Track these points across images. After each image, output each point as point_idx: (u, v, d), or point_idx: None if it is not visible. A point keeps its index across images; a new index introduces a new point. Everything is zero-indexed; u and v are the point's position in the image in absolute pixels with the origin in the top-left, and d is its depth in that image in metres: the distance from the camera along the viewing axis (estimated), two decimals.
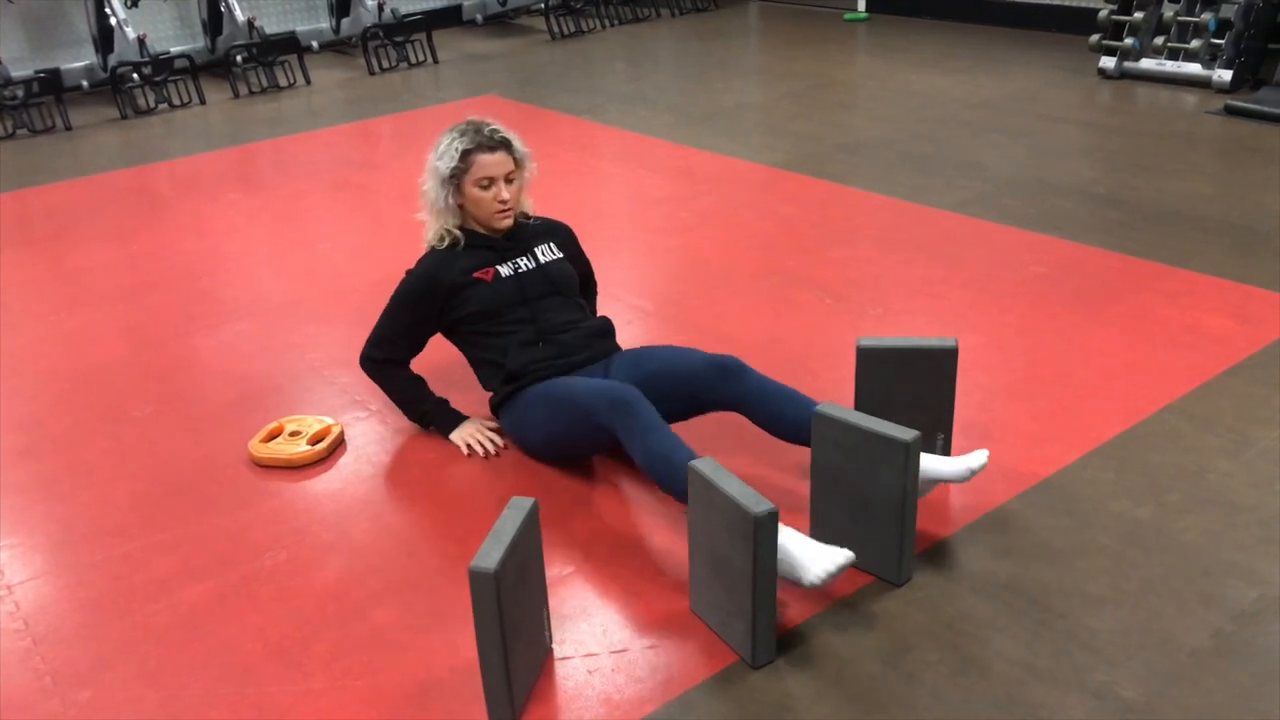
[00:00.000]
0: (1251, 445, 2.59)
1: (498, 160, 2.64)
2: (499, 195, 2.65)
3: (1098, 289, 3.47)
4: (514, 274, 2.72)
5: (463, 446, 2.72)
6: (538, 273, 2.74)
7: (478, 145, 2.63)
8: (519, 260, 2.74)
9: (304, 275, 4.00)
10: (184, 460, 2.80)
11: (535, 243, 2.79)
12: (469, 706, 1.92)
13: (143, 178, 5.42)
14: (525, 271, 2.73)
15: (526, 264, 2.74)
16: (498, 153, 2.64)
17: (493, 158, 2.64)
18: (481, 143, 2.63)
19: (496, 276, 2.70)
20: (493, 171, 2.64)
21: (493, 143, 2.63)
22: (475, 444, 2.71)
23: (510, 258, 2.74)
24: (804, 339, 3.25)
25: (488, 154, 2.63)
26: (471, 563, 1.76)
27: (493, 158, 2.64)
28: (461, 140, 2.63)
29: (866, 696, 1.91)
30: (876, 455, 2.10)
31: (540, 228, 2.85)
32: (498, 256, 2.73)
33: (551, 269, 2.77)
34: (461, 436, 2.74)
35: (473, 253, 2.73)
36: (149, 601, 2.27)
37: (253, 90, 7.08)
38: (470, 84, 6.96)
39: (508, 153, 2.66)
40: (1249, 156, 4.80)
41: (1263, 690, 1.87)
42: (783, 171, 4.86)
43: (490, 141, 2.63)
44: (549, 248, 2.81)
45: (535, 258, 2.76)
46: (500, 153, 2.64)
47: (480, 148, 2.63)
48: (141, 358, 3.41)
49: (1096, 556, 2.24)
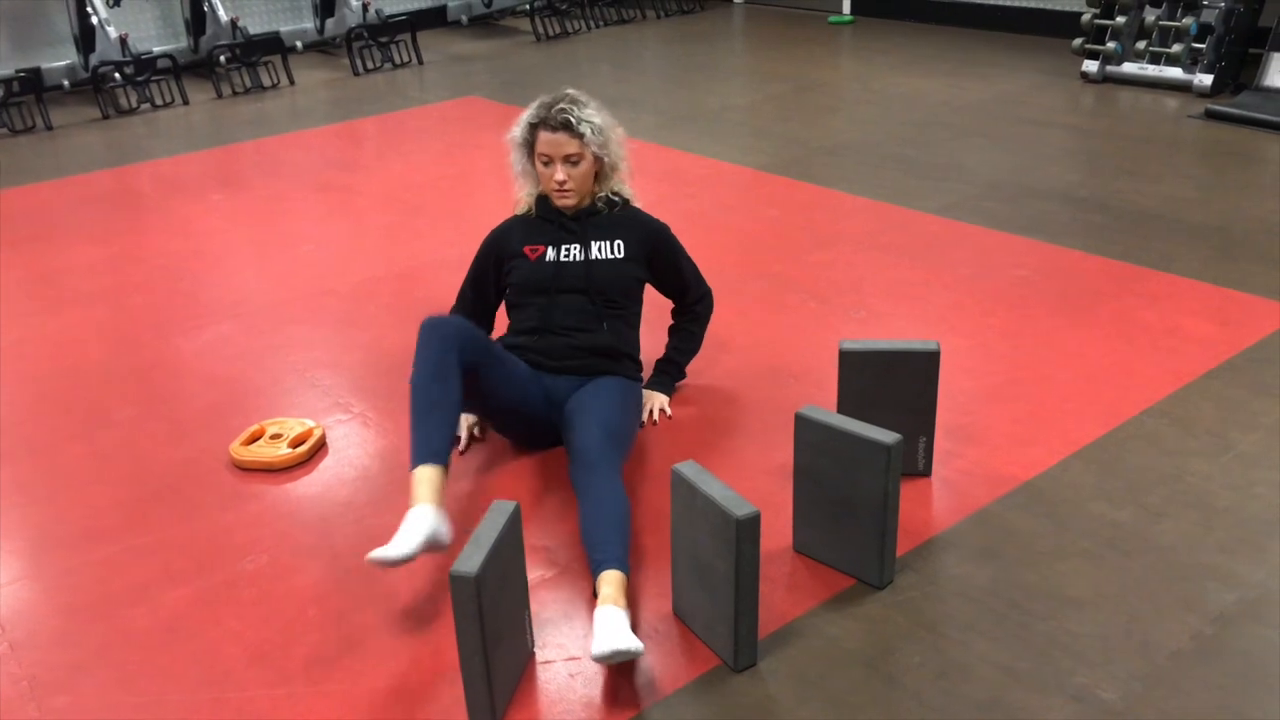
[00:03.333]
0: (1231, 448, 2.61)
1: (556, 140, 2.61)
2: (554, 175, 2.64)
3: (1080, 292, 3.49)
4: (556, 260, 2.69)
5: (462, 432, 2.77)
6: (580, 267, 2.68)
7: (541, 121, 2.63)
8: (572, 248, 2.70)
9: (286, 277, 3.98)
10: (164, 463, 2.78)
11: (598, 235, 2.72)
12: (450, 711, 1.91)
13: (124, 178, 5.38)
14: (568, 262, 2.69)
15: (577, 255, 2.69)
16: (558, 133, 2.61)
17: (552, 136, 2.62)
18: (545, 119, 2.62)
19: (541, 258, 2.69)
20: (549, 150, 2.63)
21: (555, 122, 2.61)
22: (463, 432, 2.75)
23: (566, 242, 2.70)
24: (787, 341, 3.26)
25: (548, 132, 2.62)
26: (452, 567, 1.75)
27: (552, 136, 2.62)
28: (534, 113, 2.65)
29: (848, 699, 1.91)
30: (858, 458, 2.11)
31: (616, 221, 2.75)
32: (555, 237, 2.71)
33: (599, 268, 2.69)
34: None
35: (539, 226, 2.74)
36: (128, 606, 2.25)
37: (236, 91, 7.05)
38: (455, 85, 6.95)
39: (570, 134, 2.61)
40: (1229, 160, 4.83)
41: (1241, 692, 1.88)
42: (767, 174, 4.87)
43: (553, 120, 2.61)
44: (613, 245, 2.72)
45: (589, 250, 2.70)
46: (561, 134, 2.61)
47: (543, 124, 2.62)
48: (122, 360, 3.39)
49: (1077, 559, 2.25)
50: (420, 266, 3.98)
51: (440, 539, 2.16)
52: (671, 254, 2.84)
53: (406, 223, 4.48)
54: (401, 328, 3.48)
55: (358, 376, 3.19)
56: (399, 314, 3.59)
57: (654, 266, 2.81)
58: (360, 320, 3.58)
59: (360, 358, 3.31)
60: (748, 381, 3.03)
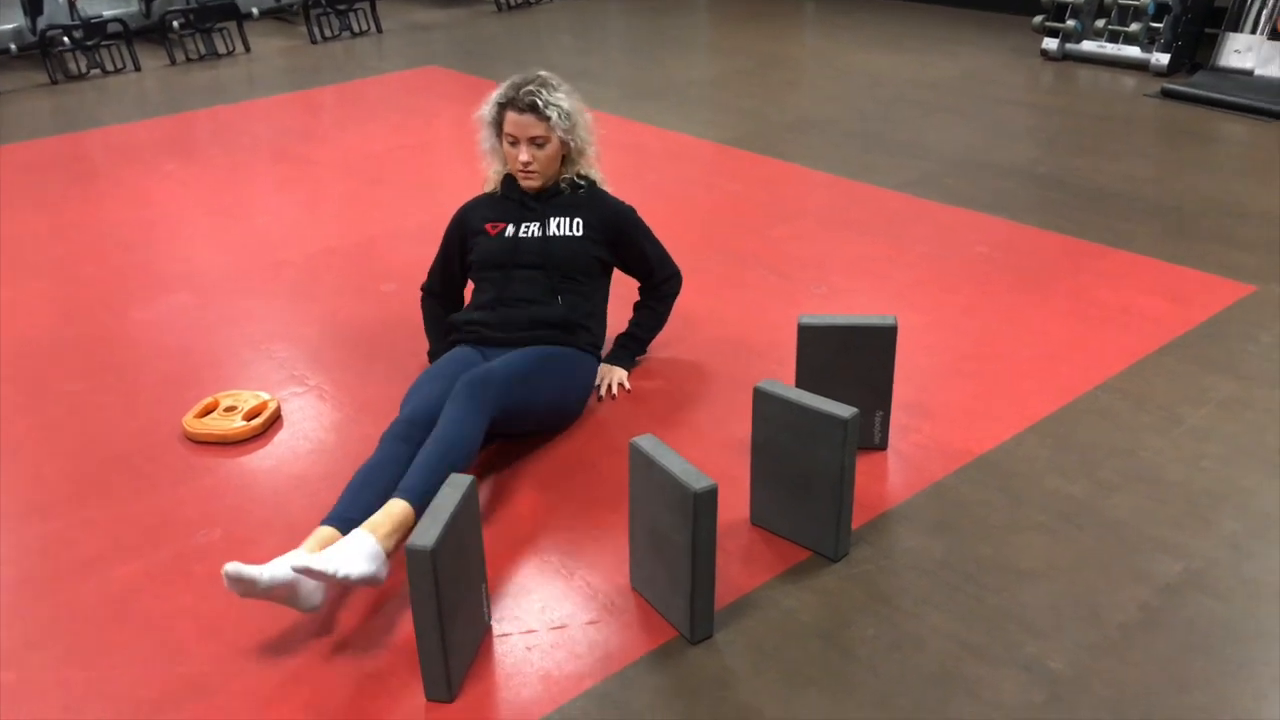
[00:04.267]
0: (1181, 423, 2.65)
1: (523, 121, 2.62)
2: (520, 155, 2.65)
3: (1037, 269, 3.52)
4: (514, 236, 2.70)
5: None
6: (537, 243, 2.69)
7: (509, 101, 2.64)
8: (531, 225, 2.71)
9: (241, 248, 3.91)
10: (115, 436, 2.74)
11: (558, 213, 2.72)
12: (406, 684, 1.91)
13: (74, 145, 5.26)
14: (526, 238, 2.69)
15: (535, 231, 2.70)
16: (525, 115, 2.62)
17: (519, 118, 2.63)
18: (513, 100, 2.63)
19: (500, 234, 2.70)
20: (515, 131, 2.64)
21: (522, 104, 2.62)
22: None
23: (526, 219, 2.72)
24: (748, 316, 3.26)
25: (515, 113, 2.63)
26: (408, 541, 1.74)
27: (519, 118, 2.63)
28: (503, 92, 2.66)
29: (803, 671, 1.92)
30: (815, 432, 2.12)
31: (579, 200, 2.75)
32: (516, 215, 2.72)
33: (555, 243, 2.69)
34: None
35: (503, 204, 2.75)
36: (78, 581, 2.22)
37: (190, 57, 6.90)
38: (414, 54, 6.86)
39: (537, 117, 2.62)
40: (1184, 139, 4.89)
41: (1184, 660, 1.92)
42: (730, 148, 4.85)
43: (520, 102, 2.62)
44: (572, 222, 2.72)
45: (547, 227, 2.70)
46: (528, 115, 2.62)
47: (511, 105, 2.64)
48: (71, 331, 3.32)
49: (1030, 532, 2.28)
50: (378, 237, 3.94)
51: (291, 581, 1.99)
52: (636, 236, 2.83)
53: (364, 193, 4.42)
54: (358, 299, 3.44)
55: (314, 349, 3.15)
56: (356, 286, 3.55)
57: (617, 248, 2.81)
58: (317, 292, 3.53)
59: (316, 330, 3.27)
60: (708, 356, 3.03)
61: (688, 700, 1.86)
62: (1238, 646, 1.95)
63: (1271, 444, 2.56)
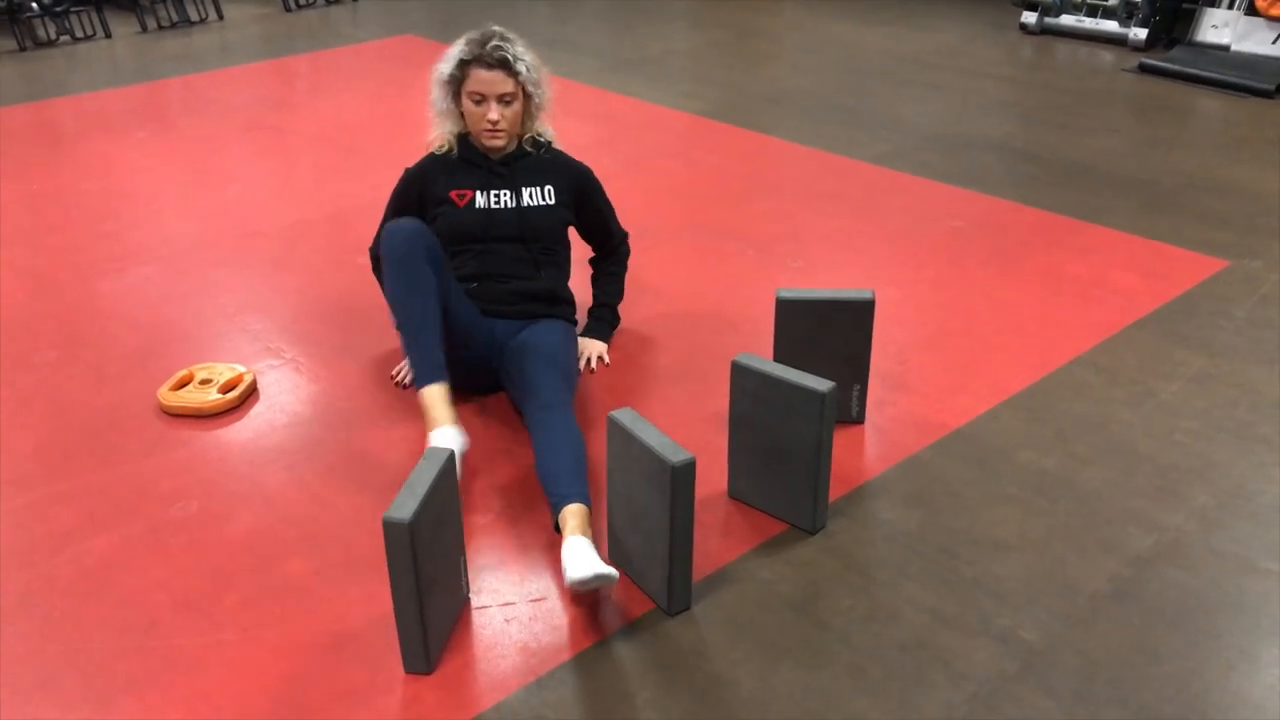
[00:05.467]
0: (1153, 396, 2.68)
1: (492, 78, 2.57)
2: (488, 114, 2.60)
3: (1013, 244, 3.53)
4: (487, 207, 2.65)
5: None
6: (512, 214, 2.66)
7: (476, 58, 2.58)
8: (502, 193, 2.66)
9: (214, 218, 3.87)
10: (88, 408, 2.71)
11: (528, 181, 2.69)
12: (384, 657, 1.91)
13: (42, 113, 5.17)
14: (500, 209, 2.65)
15: (507, 201, 2.66)
16: (494, 71, 2.57)
17: (488, 74, 2.57)
18: (480, 56, 2.57)
19: (470, 204, 2.64)
20: (484, 89, 2.58)
21: (491, 60, 2.56)
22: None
23: (494, 187, 2.66)
24: (725, 290, 3.26)
25: (484, 69, 2.57)
26: (386, 513, 1.74)
27: (488, 74, 2.57)
28: (465, 49, 2.59)
29: (779, 642, 1.94)
30: (793, 405, 2.12)
31: (544, 164, 2.72)
32: (482, 181, 2.67)
33: (531, 214, 2.67)
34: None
35: (463, 169, 2.68)
36: (51, 554, 2.20)
37: (162, 24, 6.79)
38: (389, 23, 6.77)
39: (506, 73, 2.57)
40: (1161, 115, 4.91)
41: (1153, 631, 1.95)
42: (707, 120, 4.83)
43: (489, 58, 2.57)
44: (543, 191, 2.69)
45: (519, 197, 2.67)
46: (497, 71, 2.57)
47: (478, 61, 2.57)
48: (42, 302, 3.28)
49: (1004, 505, 2.30)
50: (353, 208, 3.90)
51: (463, 451, 2.27)
52: (597, 197, 2.83)
53: (339, 163, 4.38)
54: (334, 271, 3.41)
55: (289, 321, 3.13)
56: (331, 257, 3.52)
57: (581, 210, 2.80)
58: (291, 263, 3.50)
59: (292, 301, 3.24)
60: (685, 330, 3.03)
61: (665, 671, 1.88)
62: (1207, 618, 1.99)
63: (1242, 418, 2.59)
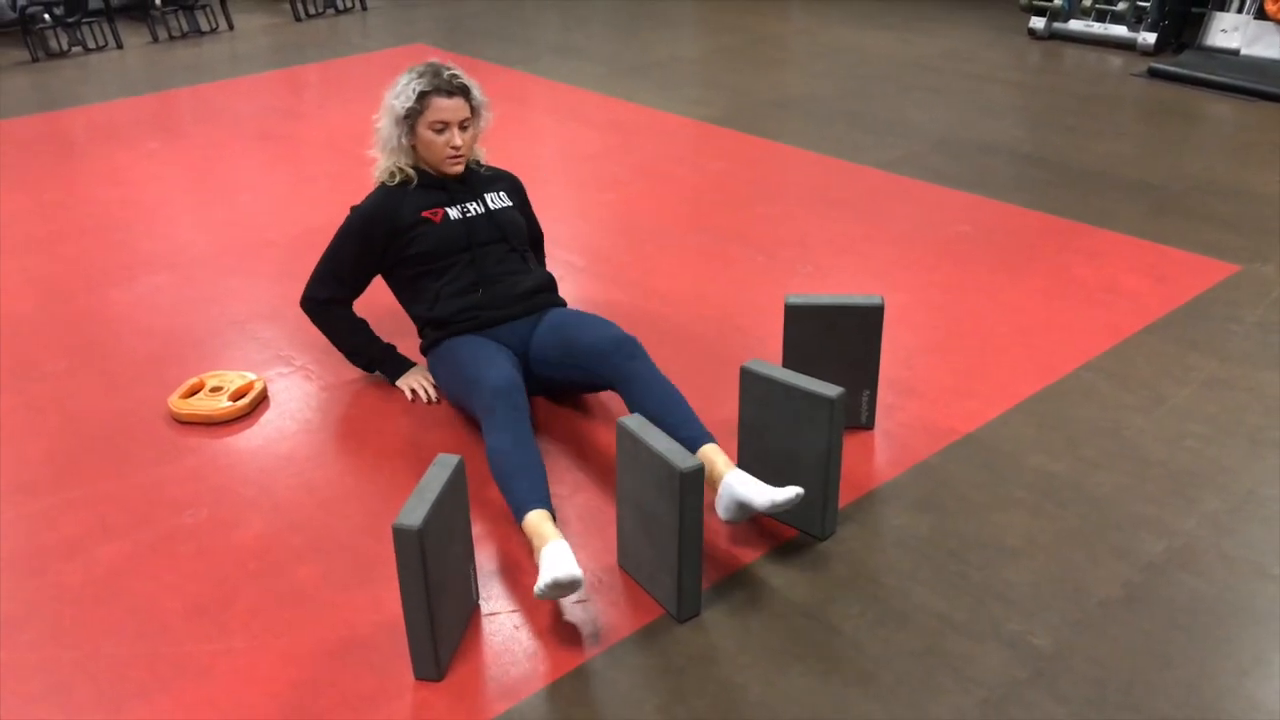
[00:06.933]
0: (1164, 401, 2.67)
1: (454, 106, 2.61)
2: (451, 141, 2.62)
3: (1021, 248, 3.53)
4: (462, 218, 2.68)
5: (408, 392, 2.74)
6: (486, 219, 2.70)
7: (435, 88, 2.59)
8: (469, 204, 2.70)
9: (225, 227, 3.89)
10: (99, 416, 2.72)
11: (486, 189, 2.75)
12: (394, 663, 1.91)
13: (55, 124, 5.21)
14: (474, 216, 2.69)
15: (476, 209, 2.70)
16: (455, 98, 2.60)
17: (449, 103, 2.60)
18: (440, 86, 2.59)
19: (445, 219, 2.66)
20: (447, 116, 2.61)
21: (451, 88, 2.60)
22: (420, 390, 2.73)
23: (460, 201, 2.70)
24: (733, 295, 3.26)
25: (445, 98, 2.60)
26: (396, 520, 1.74)
27: (449, 103, 2.60)
28: (420, 81, 2.60)
29: (789, 648, 1.94)
30: (802, 411, 2.12)
31: (489, 176, 2.81)
32: (448, 198, 2.69)
33: (501, 216, 2.73)
34: (407, 382, 2.76)
35: (423, 192, 2.69)
36: (63, 561, 2.21)
37: (173, 35, 6.84)
38: (399, 32, 6.80)
39: (465, 99, 2.62)
40: (1170, 119, 4.90)
41: (1165, 637, 1.94)
42: (715, 126, 4.84)
43: (448, 86, 2.60)
44: (499, 195, 2.77)
45: (485, 203, 2.72)
46: (458, 98, 2.61)
47: (438, 91, 2.59)
48: (54, 311, 3.30)
49: (1014, 510, 2.29)
50: None
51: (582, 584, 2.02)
52: (528, 200, 2.92)
53: (349, 172, 4.39)
54: None
55: (299, 329, 3.14)
56: None
57: (523, 212, 2.88)
58: (301, 272, 3.49)
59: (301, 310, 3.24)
60: (693, 335, 3.03)
61: (675, 678, 1.88)
62: (1219, 623, 1.98)
63: (1253, 423, 2.58)
